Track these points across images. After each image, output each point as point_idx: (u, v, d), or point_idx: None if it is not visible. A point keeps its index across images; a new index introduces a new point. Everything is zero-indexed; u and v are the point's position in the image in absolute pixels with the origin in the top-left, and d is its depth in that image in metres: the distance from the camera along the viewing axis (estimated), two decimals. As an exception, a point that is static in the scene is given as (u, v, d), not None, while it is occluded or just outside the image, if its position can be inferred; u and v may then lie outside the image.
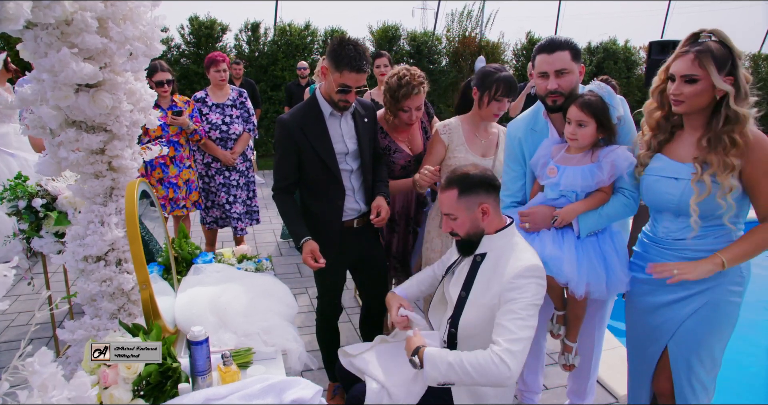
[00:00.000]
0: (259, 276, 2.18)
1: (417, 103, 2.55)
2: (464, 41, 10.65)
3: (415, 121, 2.60)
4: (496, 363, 1.58)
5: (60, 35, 1.54)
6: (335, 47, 2.14)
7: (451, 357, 1.65)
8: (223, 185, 4.13)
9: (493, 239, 1.82)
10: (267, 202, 6.82)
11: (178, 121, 3.76)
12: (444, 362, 1.64)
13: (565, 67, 1.97)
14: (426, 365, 1.66)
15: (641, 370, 2.07)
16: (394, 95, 2.54)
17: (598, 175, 1.94)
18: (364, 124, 2.40)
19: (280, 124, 2.27)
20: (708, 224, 1.79)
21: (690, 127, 1.81)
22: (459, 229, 1.81)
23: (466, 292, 1.83)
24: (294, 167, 2.30)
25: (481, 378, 1.61)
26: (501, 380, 1.60)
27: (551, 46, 1.98)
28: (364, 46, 2.18)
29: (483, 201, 1.78)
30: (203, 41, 8.98)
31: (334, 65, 2.15)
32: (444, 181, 1.84)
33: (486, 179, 1.79)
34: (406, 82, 2.50)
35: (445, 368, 1.63)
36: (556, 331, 2.25)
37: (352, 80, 2.16)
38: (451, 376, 1.63)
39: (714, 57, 1.64)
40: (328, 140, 2.29)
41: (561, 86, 1.99)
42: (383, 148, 2.69)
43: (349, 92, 2.20)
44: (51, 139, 1.77)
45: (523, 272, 1.69)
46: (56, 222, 2.48)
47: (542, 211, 2.05)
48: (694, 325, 1.86)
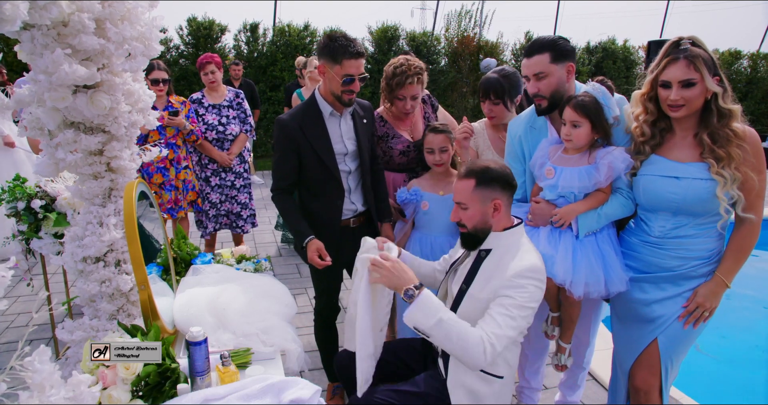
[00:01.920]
0: (258, 276, 2.18)
1: (412, 92, 2.54)
2: (463, 41, 10.66)
3: (410, 110, 2.60)
4: (481, 350, 1.59)
5: (56, 36, 1.54)
6: (326, 43, 2.16)
7: (445, 316, 1.62)
8: (219, 186, 4.11)
9: (500, 237, 1.82)
10: (266, 203, 6.83)
11: (174, 122, 3.74)
12: (435, 317, 1.62)
13: (542, 70, 1.98)
14: (416, 307, 1.64)
15: (624, 365, 2.09)
16: (389, 83, 2.55)
17: (595, 176, 1.95)
18: (362, 124, 2.40)
19: (280, 125, 2.27)
20: (702, 222, 1.85)
21: (681, 129, 1.86)
22: (467, 220, 1.81)
23: (466, 286, 1.83)
24: (294, 167, 2.30)
25: (458, 351, 1.61)
26: (472, 363, 1.62)
27: (530, 49, 2.01)
28: (353, 37, 2.20)
29: (497, 197, 1.78)
30: (202, 42, 8.98)
31: (332, 58, 2.15)
32: (463, 169, 1.85)
33: (504, 176, 1.80)
34: (401, 72, 2.50)
35: (434, 322, 1.61)
36: (551, 332, 2.26)
37: (354, 67, 2.16)
38: (433, 331, 1.62)
39: (704, 60, 1.72)
40: (327, 140, 2.29)
41: (540, 90, 2.01)
42: (381, 136, 2.68)
43: (353, 82, 2.19)
44: (49, 140, 1.77)
45: (524, 272, 1.70)
46: (55, 223, 2.48)
47: (543, 208, 2.06)
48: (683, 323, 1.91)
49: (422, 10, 14.59)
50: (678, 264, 1.90)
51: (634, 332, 2.01)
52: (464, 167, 1.85)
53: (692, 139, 1.83)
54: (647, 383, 1.97)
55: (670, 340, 1.92)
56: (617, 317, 2.12)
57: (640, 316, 1.99)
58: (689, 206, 1.82)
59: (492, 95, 2.48)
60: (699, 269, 1.89)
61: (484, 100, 2.53)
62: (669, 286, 1.93)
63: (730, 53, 12.33)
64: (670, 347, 1.93)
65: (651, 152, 1.91)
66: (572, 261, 1.98)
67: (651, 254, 1.95)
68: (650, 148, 1.91)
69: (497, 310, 1.67)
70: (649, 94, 1.87)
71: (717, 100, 1.74)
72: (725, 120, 1.75)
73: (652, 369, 1.96)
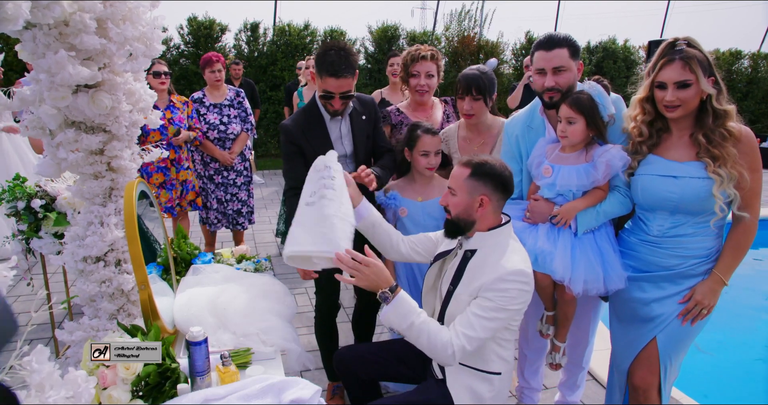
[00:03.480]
0: (258, 276, 2.18)
1: (426, 68, 2.66)
2: (463, 41, 10.65)
3: (424, 88, 2.69)
4: (448, 353, 1.66)
5: (58, 36, 1.54)
6: (320, 53, 2.18)
7: (417, 321, 1.68)
8: (222, 185, 4.14)
9: (485, 237, 1.82)
10: (266, 202, 6.84)
11: (181, 139, 3.80)
12: (407, 321, 1.68)
13: (562, 64, 1.98)
14: (391, 308, 1.69)
15: (621, 367, 2.09)
16: (405, 62, 2.71)
17: (593, 174, 1.96)
18: (360, 122, 2.40)
19: (284, 130, 2.32)
20: (700, 220, 1.87)
21: (677, 129, 1.88)
22: (453, 207, 1.82)
23: (453, 287, 1.84)
24: (303, 169, 2.31)
25: (428, 351, 1.70)
26: (441, 363, 1.74)
27: (550, 42, 1.99)
28: (351, 51, 2.17)
29: (486, 193, 1.78)
30: (202, 41, 8.98)
31: (317, 70, 2.21)
32: (464, 158, 1.86)
33: (499, 176, 1.79)
34: (415, 50, 2.70)
35: (407, 325, 1.69)
36: (545, 331, 2.26)
37: (333, 86, 2.16)
38: (406, 333, 1.71)
39: (699, 61, 1.74)
40: (328, 142, 2.31)
41: (558, 83, 2.00)
42: (395, 125, 2.71)
43: (332, 98, 2.20)
44: (50, 140, 1.77)
45: (507, 275, 1.69)
46: (55, 223, 2.48)
47: (542, 206, 2.07)
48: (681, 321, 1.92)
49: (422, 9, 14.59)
50: (677, 263, 1.91)
51: (633, 331, 2.02)
52: (467, 157, 1.87)
53: (688, 139, 1.86)
54: (646, 382, 1.97)
55: (669, 338, 1.93)
56: (616, 316, 2.13)
57: (639, 315, 1.99)
58: (687, 205, 1.84)
59: (474, 90, 2.37)
60: (697, 268, 1.90)
61: (464, 95, 2.41)
62: (668, 285, 1.94)
63: (731, 53, 12.32)
64: (669, 346, 1.94)
65: (648, 152, 1.93)
66: (571, 258, 1.99)
67: (650, 253, 1.96)
68: (647, 148, 1.93)
69: (473, 310, 1.70)
70: (647, 95, 1.89)
71: (712, 101, 1.77)
72: (720, 120, 1.77)
73: (651, 368, 1.96)
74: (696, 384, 3.01)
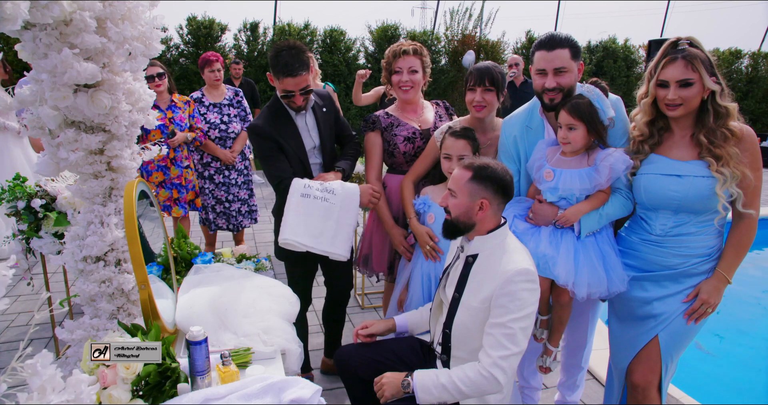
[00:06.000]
0: (259, 276, 2.18)
1: (408, 63, 2.52)
2: (464, 40, 10.64)
3: (407, 83, 2.54)
4: (487, 378, 1.65)
5: (59, 36, 1.54)
6: (271, 57, 2.28)
7: (443, 378, 1.71)
8: (223, 184, 4.14)
9: (485, 240, 1.82)
10: (266, 202, 6.83)
11: (177, 141, 3.79)
12: (437, 385, 1.71)
13: (564, 65, 1.97)
14: (418, 391, 1.72)
15: (621, 365, 2.09)
16: (387, 61, 2.60)
17: (596, 178, 1.95)
18: (323, 114, 2.51)
19: (257, 130, 2.37)
20: (703, 219, 1.87)
21: (679, 128, 1.89)
22: (453, 208, 1.83)
23: (459, 294, 1.84)
24: (286, 163, 2.39)
25: (474, 393, 1.70)
26: (492, 392, 1.71)
27: (551, 43, 1.97)
28: (302, 48, 2.27)
29: (486, 197, 1.78)
30: (202, 41, 8.97)
31: (273, 73, 2.30)
32: (466, 161, 1.85)
33: (500, 180, 1.78)
34: (396, 46, 2.59)
35: (438, 391, 1.70)
36: (539, 335, 2.25)
37: (291, 84, 2.27)
38: (444, 397, 1.70)
39: (701, 60, 1.75)
40: (298, 137, 2.41)
41: (560, 84, 1.99)
42: (385, 127, 2.60)
43: (293, 96, 2.31)
44: (50, 140, 1.77)
45: (513, 277, 1.69)
46: (55, 222, 2.47)
47: (546, 209, 2.05)
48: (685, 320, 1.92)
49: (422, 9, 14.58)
50: (679, 262, 1.91)
51: (634, 330, 2.01)
52: (470, 159, 1.87)
53: (690, 138, 1.86)
54: (646, 380, 1.97)
55: (672, 336, 1.93)
56: (616, 316, 2.13)
57: (640, 314, 1.99)
58: (690, 204, 1.84)
59: (487, 81, 2.27)
60: (700, 266, 1.90)
61: (476, 87, 2.29)
62: (670, 284, 1.94)
63: (731, 52, 12.30)
64: (670, 344, 1.93)
65: (650, 151, 1.93)
66: (574, 262, 1.98)
67: (652, 253, 1.96)
68: (649, 147, 1.93)
69: (498, 331, 1.69)
70: (647, 93, 1.90)
71: (714, 99, 1.77)
72: (722, 120, 1.78)
73: (652, 366, 1.96)
74: (696, 384, 3.00)
